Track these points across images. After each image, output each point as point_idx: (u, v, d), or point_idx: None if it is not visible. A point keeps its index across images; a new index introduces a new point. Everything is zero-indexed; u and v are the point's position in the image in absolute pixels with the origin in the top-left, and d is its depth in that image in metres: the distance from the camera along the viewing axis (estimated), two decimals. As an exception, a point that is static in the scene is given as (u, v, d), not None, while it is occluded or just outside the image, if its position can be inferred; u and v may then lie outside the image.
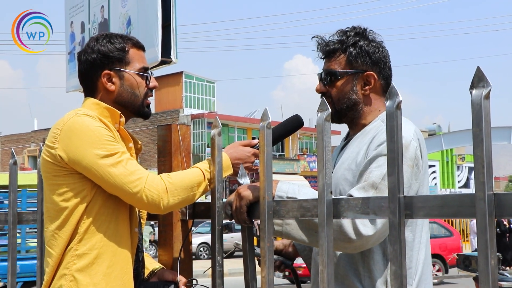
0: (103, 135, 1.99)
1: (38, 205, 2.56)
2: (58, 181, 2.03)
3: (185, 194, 2.01)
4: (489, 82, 1.23)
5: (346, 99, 2.11)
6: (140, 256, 2.22)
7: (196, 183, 2.04)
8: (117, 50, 2.16)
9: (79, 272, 1.98)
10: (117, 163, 1.96)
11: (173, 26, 2.98)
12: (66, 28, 4.11)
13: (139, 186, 1.94)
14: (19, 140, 43.11)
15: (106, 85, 2.15)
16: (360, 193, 1.81)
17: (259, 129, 1.78)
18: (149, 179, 1.96)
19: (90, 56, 2.17)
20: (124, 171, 1.96)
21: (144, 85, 2.21)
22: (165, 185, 1.97)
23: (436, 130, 46.42)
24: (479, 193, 1.24)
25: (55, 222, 2.03)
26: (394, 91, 1.41)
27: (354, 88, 2.11)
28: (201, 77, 39.16)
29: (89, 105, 2.15)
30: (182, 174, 2.06)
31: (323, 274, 1.55)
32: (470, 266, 11.38)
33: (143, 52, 2.26)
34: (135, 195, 1.95)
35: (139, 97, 2.20)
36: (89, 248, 2.00)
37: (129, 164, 1.98)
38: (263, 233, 1.75)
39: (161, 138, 2.48)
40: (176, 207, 2.05)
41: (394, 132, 1.40)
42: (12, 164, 2.66)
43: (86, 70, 2.18)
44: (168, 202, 1.97)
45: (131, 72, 2.18)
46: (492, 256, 1.22)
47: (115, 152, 1.98)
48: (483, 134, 1.23)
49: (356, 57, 2.11)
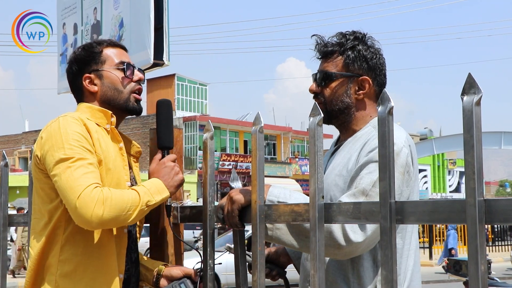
0: (69, 138, 1.97)
1: (29, 207, 2.55)
2: (39, 184, 2.05)
3: (119, 213, 1.91)
4: (480, 88, 1.24)
5: (339, 101, 2.11)
6: (133, 257, 2.20)
7: (133, 205, 1.95)
8: (91, 53, 2.22)
9: (63, 278, 1.98)
10: (67, 168, 1.92)
11: (165, 29, 2.97)
12: (58, 29, 4.09)
13: (75, 194, 1.87)
14: (10, 141, 42.89)
15: (88, 87, 2.20)
16: (349, 199, 1.81)
17: (251, 133, 1.79)
18: (88, 189, 1.88)
19: (70, 67, 2.25)
20: (69, 176, 1.90)
21: (126, 78, 2.21)
22: (103, 197, 1.88)
23: (428, 134, 46.59)
24: (469, 199, 1.24)
25: (38, 224, 2.05)
26: (386, 96, 1.42)
27: (348, 91, 2.11)
28: (193, 80, 39.16)
29: (82, 108, 2.18)
30: (121, 192, 1.96)
31: (314, 279, 1.55)
32: (460, 270, 11.41)
33: (120, 49, 2.29)
34: (70, 203, 1.88)
35: (123, 92, 2.20)
36: (72, 253, 1.99)
37: (77, 171, 1.91)
38: (255, 237, 1.75)
39: (153, 141, 2.47)
40: (108, 224, 1.93)
41: (386, 137, 1.41)
42: (3, 166, 2.66)
43: (71, 81, 2.26)
44: (103, 215, 1.86)
45: (109, 68, 2.20)
46: (482, 262, 1.23)
47: (71, 156, 1.93)
48: (474, 140, 1.24)
49: (353, 60, 2.11)
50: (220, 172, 33.10)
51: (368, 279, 1.94)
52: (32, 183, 2.49)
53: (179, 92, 37.48)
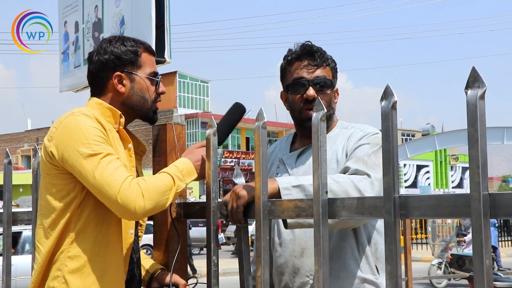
0: (92, 134, 1.97)
1: (32, 205, 2.56)
2: (51, 179, 2.03)
3: (159, 198, 1.97)
4: (484, 82, 1.24)
5: (330, 108, 2.29)
6: (135, 258, 2.22)
7: (168, 188, 2.00)
8: (130, 53, 2.17)
9: (71, 274, 1.98)
10: (98, 163, 1.93)
11: (167, 26, 2.97)
12: (60, 27, 4.08)
13: (114, 189, 1.90)
14: (12, 139, 42.96)
15: (116, 87, 2.16)
16: (353, 164, 2.05)
17: (254, 129, 1.79)
18: (126, 182, 1.92)
19: (102, 57, 2.17)
20: (103, 172, 1.92)
21: (154, 90, 2.21)
22: (141, 189, 1.93)
23: (430, 130, 46.54)
24: (474, 193, 1.24)
25: (46, 220, 2.03)
26: (390, 91, 1.41)
27: (334, 99, 2.33)
28: (195, 77, 39.15)
29: (92, 104, 2.15)
30: (155, 178, 2.02)
31: (318, 274, 1.55)
32: (463, 266, 11.42)
33: (153, 57, 2.27)
34: (110, 198, 1.91)
35: (148, 101, 2.20)
36: (81, 250, 1.99)
37: (109, 166, 1.94)
38: (259, 233, 1.75)
39: (156, 138, 2.48)
40: (151, 213, 1.99)
41: (389, 132, 1.40)
42: (7, 164, 2.66)
43: (97, 71, 2.18)
44: (145, 206, 1.92)
45: (142, 76, 2.18)
46: (487, 256, 1.23)
47: (99, 152, 1.95)
48: (478, 134, 1.23)
49: (335, 71, 2.34)
50: (222, 169, 33.10)
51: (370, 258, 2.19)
52: (36, 181, 2.50)
53: (180, 89, 37.47)
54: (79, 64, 3.80)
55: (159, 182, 1.99)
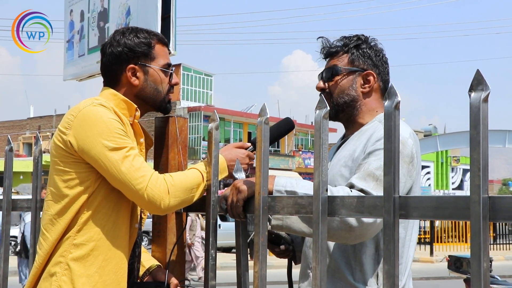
0: (115, 127, 1.98)
1: (33, 193, 2.56)
2: (64, 167, 2.02)
3: (185, 196, 2.01)
4: (488, 85, 1.23)
5: (345, 95, 2.17)
6: (136, 252, 2.22)
7: (195, 184, 2.04)
8: (143, 45, 2.16)
9: (74, 261, 1.98)
10: (124, 157, 1.95)
11: (172, 18, 2.96)
12: (66, 16, 4.09)
13: (142, 184, 1.94)
14: (14, 126, 42.97)
15: (130, 79, 2.15)
16: (360, 182, 1.87)
17: (257, 124, 1.79)
18: (153, 178, 1.96)
19: (115, 49, 2.16)
20: (130, 166, 1.95)
21: (167, 81, 2.21)
22: (167, 186, 1.97)
23: (432, 131, 46.45)
24: (474, 196, 1.24)
25: (55, 207, 2.03)
26: (393, 91, 1.41)
27: (354, 85, 2.18)
28: (199, 70, 39.09)
29: (106, 95, 2.14)
30: (183, 175, 2.05)
31: (315, 271, 1.55)
32: (461, 267, 11.41)
33: (167, 48, 2.26)
34: (137, 193, 1.94)
35: (162, 93, 2.20)
36: (86, 239, 1.99)
37: (135, 161, 1.97)
38: (258, 228, 1.75)
39: (158, 130, 2.48)
40: (175, 208, 2.04)
41: (391, 132, 1.40)
42: (8, 151, 2.66)
43: (111, 63, 2.17)
44: (169, 203, 1.97)
45: (156, 68, 2.18)
46: (485, 259, 1.23)
47: (124, 146, 1.97)
48: (480, 137, 1.23)
49: (358, 57, 2.19)
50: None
51: (369, 266, 2.00)
52: (37, 168, 2.50)
53: (184, 82, 37.41)
54: (83, 53, 3.80)
55: (186, 179, 2.02)
